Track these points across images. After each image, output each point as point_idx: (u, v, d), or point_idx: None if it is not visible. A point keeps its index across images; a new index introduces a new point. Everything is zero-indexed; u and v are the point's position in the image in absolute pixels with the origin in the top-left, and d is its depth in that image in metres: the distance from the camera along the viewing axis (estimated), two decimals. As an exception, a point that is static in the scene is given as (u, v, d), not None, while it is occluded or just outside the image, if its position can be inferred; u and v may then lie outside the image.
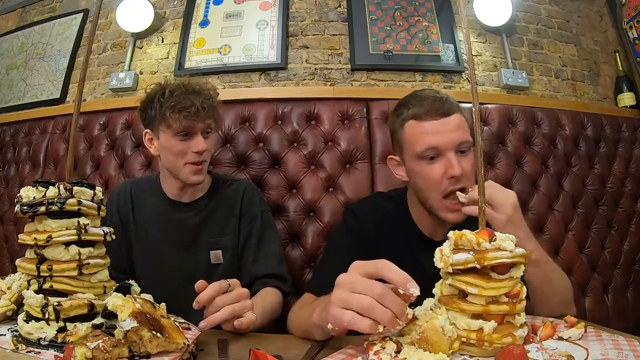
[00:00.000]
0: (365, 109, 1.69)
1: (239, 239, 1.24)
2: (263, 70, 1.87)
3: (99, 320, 0.65)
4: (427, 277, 0.70)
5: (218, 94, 1.24)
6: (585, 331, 0.68)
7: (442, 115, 0.95)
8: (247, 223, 1.25)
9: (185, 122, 1.13)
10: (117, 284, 0.73)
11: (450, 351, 0.60)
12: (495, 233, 0.64)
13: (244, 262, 1.23)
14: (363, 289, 0.60)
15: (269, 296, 1.11)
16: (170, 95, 1.14)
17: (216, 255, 1.22)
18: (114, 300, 0.61)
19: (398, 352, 0.60)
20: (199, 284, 0.81)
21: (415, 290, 0.59)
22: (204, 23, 1.98)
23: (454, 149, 0.94)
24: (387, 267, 0.61)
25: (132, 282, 0.77)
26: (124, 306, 0.60)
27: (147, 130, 1.22)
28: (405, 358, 0.58)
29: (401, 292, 0.59)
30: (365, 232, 1.08)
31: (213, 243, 1.23)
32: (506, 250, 0.62)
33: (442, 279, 0.69)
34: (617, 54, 2.09)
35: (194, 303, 0.79)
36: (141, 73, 1.96)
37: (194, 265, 1.22)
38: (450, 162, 0.93)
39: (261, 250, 1.23)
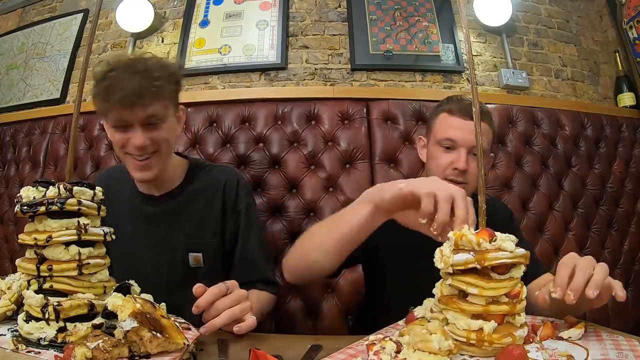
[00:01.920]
0: (365, 109, 1.69)
1: (224, 240, 1.12)
2: (263, 70, 1.87)
3: (99, 320, 0.65)
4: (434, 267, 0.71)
5: (174, 72, 1.04)
6: (585, 331, 0.68)
7: (470, 117, 1.05)
8: (233, 222, 1.12)
9: (116, 112, 0.94)
10: (117, 284, 0.73)
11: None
12: (496, 233, 0.64)
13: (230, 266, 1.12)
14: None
15: (260, 295, 1.06)
16: (102, 78, 0.93)
17: (195, 259, 1.08)
18: (114, 300, 0.61)
19: (398, 352, 0.60)
20: (198, 288, 0.79)
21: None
22: (204, 23, 1.98)
23: (467, 148, 1.06)
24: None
25: (132, 282, 0.77)
26: (124, 306, 0.59)
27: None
28: (405, 358, 0.58)
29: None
30: None
31: (191, 244, 1.09)
32: (506, 251, 0.62)
33: (442, 279, 0.69)
34: (617, 54, 2.09)
35: (193, 308, 0.78)
36: (141, 73, 1.96)
37: (170, 267, 1.08)
38: (460, 157, 1.05)
39: (245, 253, 1.11)
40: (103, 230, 0.70)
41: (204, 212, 1.12)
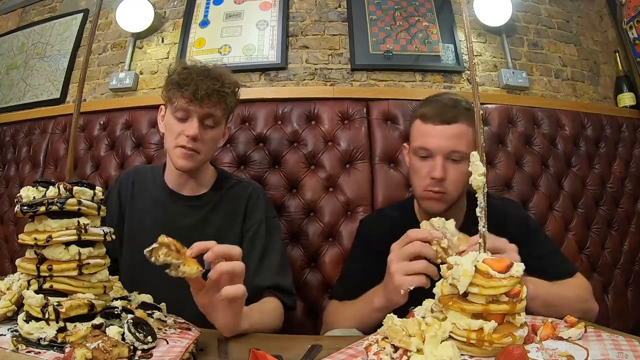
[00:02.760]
0: (365, 109, 1.69)
1: (241, 246, 1.17)
2: (263, 70, 1.87)
3: (98, 320, 0.65)
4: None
5: (237, 86, 1.17)
6: (585, 331, 0.68)
7: (442, 122, 1.03)
8: (252, 229, 1.17)
9: (182, 101, 1.08)
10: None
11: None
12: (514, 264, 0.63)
13: (245, 272, 1.14)
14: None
15: (267, 303, 1.04)
16: (181, 71, 1.10)
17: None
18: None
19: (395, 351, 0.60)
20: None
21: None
22: (204, 23, 1.98)
23: (443, 154, 1.03)
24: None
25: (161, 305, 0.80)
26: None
27: (162, 106, 1.18)
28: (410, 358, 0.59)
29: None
30: (371, 240, 1.19)
31: None
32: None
33: (442, 279, 0.69)
34: (617, 54, 2.09)
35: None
36: (141, 73, 1.96)
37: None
38: (435, 165, 1.02)
39: (264, 260, 1.12)
40: (103, 230, 0.70)
41: (227, 220, 1.18)
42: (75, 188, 0.67)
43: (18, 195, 0.68)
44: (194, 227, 1.16)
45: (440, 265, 0.70)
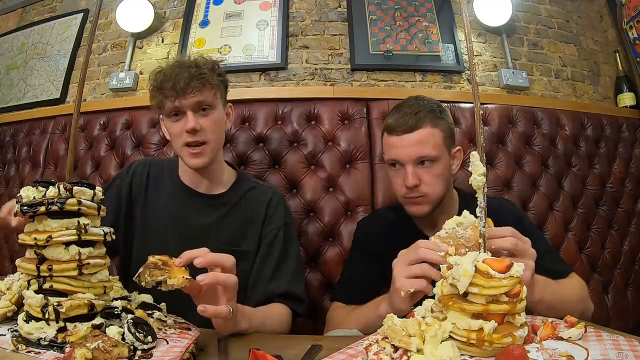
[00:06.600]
0: (365, 109, 1.69)
1: (258, 250, 1.14)
2: (263, 70, 1.87)
3: (98, 320, 0.65)
4: None
5: (215, 64, 1.13)
6: (585, 331, 0.68)
7: (403, 132, 1.06)
8: (270, 235, 1.15)
9: (169, 101, 1.05)
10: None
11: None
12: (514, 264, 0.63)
13: (260, 277, 1.10)
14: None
15: (274, 307, 1.04)
16: (157, 74, 1.08)
17: None
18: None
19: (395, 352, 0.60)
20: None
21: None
22: (204, 23, 1.98)
23: (411, 162, 1.05)
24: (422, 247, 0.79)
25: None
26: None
27: (161, 115, 1.15)
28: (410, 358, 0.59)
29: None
30: (369, 242, 1.21)
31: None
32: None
33: (442, 279, 0.69)
34: (617, 54, 2.09)
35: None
36: (141, 73, 1.96)
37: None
38: (407, 174, 1.05)
39: (280, 267, 1.11)
40: (103, 230, 0.70)
41: (245, 222, 1.16)
42: (75, 188, 0.67)
43: (18, 195, 0.68)
44: (211, 227, 1.14)
45: (440, 266, 0.70)
